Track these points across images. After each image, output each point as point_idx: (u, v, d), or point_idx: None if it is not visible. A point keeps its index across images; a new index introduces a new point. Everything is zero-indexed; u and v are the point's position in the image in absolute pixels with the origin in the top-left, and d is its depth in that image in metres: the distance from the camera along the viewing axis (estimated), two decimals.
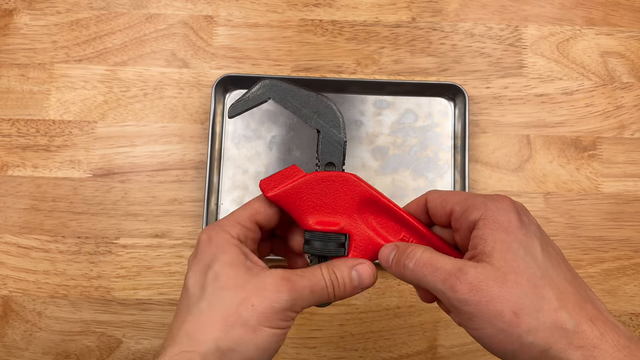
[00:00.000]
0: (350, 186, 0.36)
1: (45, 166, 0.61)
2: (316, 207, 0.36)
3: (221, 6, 0.65)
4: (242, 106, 0.38)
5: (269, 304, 0.32)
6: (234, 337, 0.32)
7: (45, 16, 0.65)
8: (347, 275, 0.35)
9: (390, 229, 0.37)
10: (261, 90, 0.37)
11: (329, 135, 0.37)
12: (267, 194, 0.36)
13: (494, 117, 0.62)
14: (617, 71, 0.63)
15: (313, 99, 0.37)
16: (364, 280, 0.35)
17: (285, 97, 0.37)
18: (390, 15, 0.65)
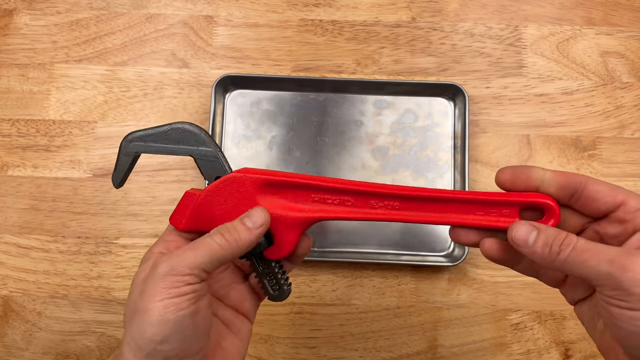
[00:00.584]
0: (239, 183, 0.37)
1: (45, 166, 0.61)
2: (226, 214, 0.37)
3: (221, 6, 0.65)
4: (120, 174, 0.39)
5: (151, 281, 0.33)
6: (133, 327, 0.32)
7: (45, 16, 0.65)
8: (239, 221, 0.35)
9: (299, 197, 0.37)
10: (123, 152, 0.38)
11: (202, 155, 0.38)
12: (179, 228, 0.37)
13: (494, 117, 0.62)
14: (617, 71, 0.63)
15: (171, 132, 0.37)
16: (255, 219, 0.35)
17: (148, 145, 0.38)
18: (390, 15, 0.65)
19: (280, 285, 0.39)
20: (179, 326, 0.32)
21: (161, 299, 0.32)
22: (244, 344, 0.40)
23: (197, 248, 0.34)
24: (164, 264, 0.33)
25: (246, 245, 0.35)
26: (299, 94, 0.62)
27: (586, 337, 0.57)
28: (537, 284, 0.58)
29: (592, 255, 0.31)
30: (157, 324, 0.32)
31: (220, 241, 0.34)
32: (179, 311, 0.32)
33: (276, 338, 0.57)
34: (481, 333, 0.57)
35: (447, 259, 0.58)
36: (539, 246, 0.33)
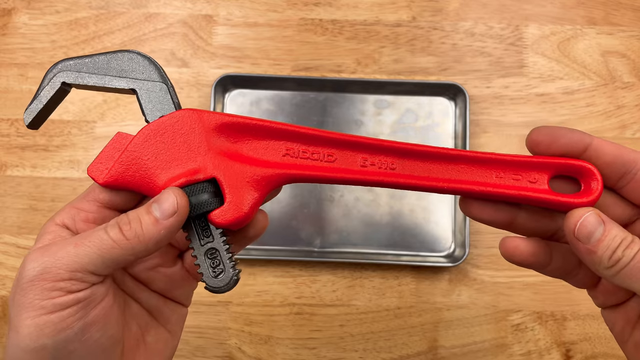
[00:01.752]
0: (192, 121, 0.29)
1: (44, 166, 0.61)
2: (162, 167, 0.28)
3: (221, 5, 0.65)
4: (37, 106, 0.29)
5: (19, 287, 0.24)
6: (8, 347, 0.24)
7: (44, 15, 0.65)
8: (145, 210, 0.26)
9: (266, 149, 0.29)
10: (51, 80, 0.29)
11: (148, 88, 0.30)
12: (100, 182, 0.28)
13: (494, 117, 0.62)
14: (618, 71, 0.63)
15: (114, 59, 0.30)
16: (164, 207, 0.26)
17: (81, 74, 0.29)
18: (391, 15, 0.65)
19: (225, 268, 0.28)
20: (62, 352, 0.24)
21: (33, 315, 0.24)
22: (175, 336, 0.32)
23: (83, 243, 0.25)
24: (32, 263, 0.24)
25: (153, 241, 0.26)
26: (298, 94, 0.62)
27: (587, 337, 0.57)
28: (538, 284, 0.58)
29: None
30: (31, 351, 0.24)
31: (115, 236, 0.25)
32: (57, 333, 0.24)
33: (276, 339, 0.57)
34: (482, 334, 0.57)
35: (447, 259, 0.58)
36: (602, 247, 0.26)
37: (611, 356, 0.57)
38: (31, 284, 0.24)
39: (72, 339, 0.24)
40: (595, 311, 0.57)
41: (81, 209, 0.29)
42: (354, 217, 0.59)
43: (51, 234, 0.27)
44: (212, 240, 0.28)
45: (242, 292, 0.58)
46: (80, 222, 0.28)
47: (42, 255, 0.25)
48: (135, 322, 0.30)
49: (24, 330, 0.24)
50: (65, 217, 0.28)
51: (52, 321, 0.24)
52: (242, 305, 0.58)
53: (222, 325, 0.57)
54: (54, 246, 0.25)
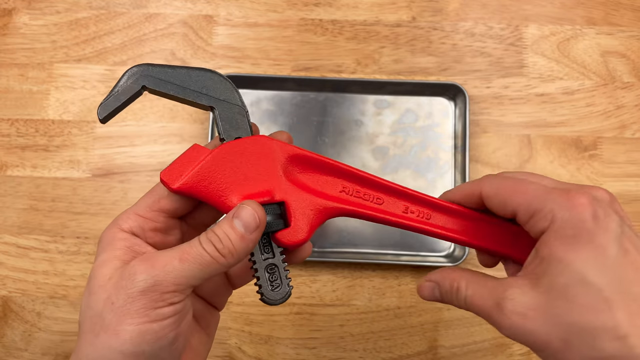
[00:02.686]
0: (267, 148, 0.31)
1: (44, 166, 0.61)
2: (236, 183, 0.30)
3: (221, 5, 0.65)
4: (114, 103, 0.30)
5: (125, 293, 0.26)
6: (99, 347, 0.26)
7: (44, 16, 0.65)
8: (228, 225, 0.28)
9: (326, 183, 0.33)
10: (131, 79, 0.30)
11: (226, 109, 0.31)
12: (172, 187, 0.30)
13: (494, 117, 0.62)
14: (617, 71, 0.63)
15: (196, 75, 0.31)
16: (247, 222, 0.28)
17: (162, 82, 0.31)
18: (391, 15, 0.65)
19: (282, 283, 0.31)
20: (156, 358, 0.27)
21: (137, 322, 0.26)
22: (211, 339, 0.35)
23: (186, 259, 0.27)
24: (144, 274, 0.27)
25: (243, 254, 0.29)
26: (298, 94, 0.62)
27: None
28: None
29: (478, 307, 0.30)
30: (130, 355, 0.26)
31: (213, 253, 0.28)
32: (156, 341, 0.26)
33: (276, 339, 0.57)
34: (482, 333, 0.57)
35: (447, 259, 0.58)
36: (447, 300, 0.33)
37: None
38: (142, 295, 0.26)
39: (165, 347, 0.27)
40: None
41: (149, 218, 0.31)
42: None
43: (125, 241, 0.30)
44: (272, 257, 0.31)
45: (242, 292, 0.58)
46: (149, 232, 0.31)
47: (152, 268, 0.27)
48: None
49: (125, 334, 0.26)
50: (133, 225, 0.30)
51: (153, 329, 0.26)
52: (242, 305, 0.58)
53: (222, 325, 0.57)
54: (160, 259, 0.27)
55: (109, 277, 0.28)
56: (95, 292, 0.28)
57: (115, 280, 0.27)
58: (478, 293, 0.30)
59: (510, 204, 0.30)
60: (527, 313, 0.27)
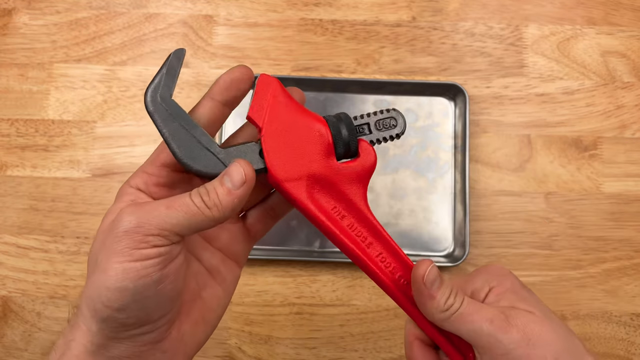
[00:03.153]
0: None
1: (44, 166, 0.61)
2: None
3: (221, 5, 0.65)
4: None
5: (113, 235, 0.28)
6: (91, 283, 0.29)
7: (44, 16, 0.65)
8: (218, 181, 0.30)
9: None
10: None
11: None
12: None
13: (494, 117, 0.62)
14: (617, 71, 0.63)
15: None
16: (235, 179, 0.30)
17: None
18: (391, 15, 0.65)
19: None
20: (139, 295, 0.28)
21: (121, 260, 0.28)
22: (228, 294, 0.35)
23: (173, 206, 0.29)
24: (129, 217, 0.28)
25: (229, 210, 0.30)
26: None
27: (587, 337, 0.57)
28: (537, 284, 0.58)
29: (474, 312, 0.31)
30: (114, 290, 0.28)
31: (199, 204, 0.29)
32: (139, 279, 0.28)
33: (276, 339, 0.57)
34: None
35: (447, 259, 0.58)
36: (440, 293, 0.32)
37: (611, 356, 0.57)
38: (125, 234, 0.28)
39: (149, 286, 0.28)
40: (595, 311, 0.58)
41: (152, 174, 0.33)
42: None
43: (130, 195, 0.32)
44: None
45: (242, 292, 0.58)
46: (152, 186, 0.32)
47: (138, 211, 0.28)
48: (194, 279, 0.34)
49: (111, 271, 0.28)
50: (139, 182, 0.32)
51: (136, 268, 0.28)
52: (242, 305, 0.58)
53: (222, 325, 0.57)
54: (148, 205, 0.29)
55: (108, 223, 0.30)
56: (97, 237, 0.30)
57: (110, 225, 0.29)
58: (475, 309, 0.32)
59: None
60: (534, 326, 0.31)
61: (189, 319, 0.33)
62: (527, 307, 0.32)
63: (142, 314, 0.29)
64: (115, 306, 0.28)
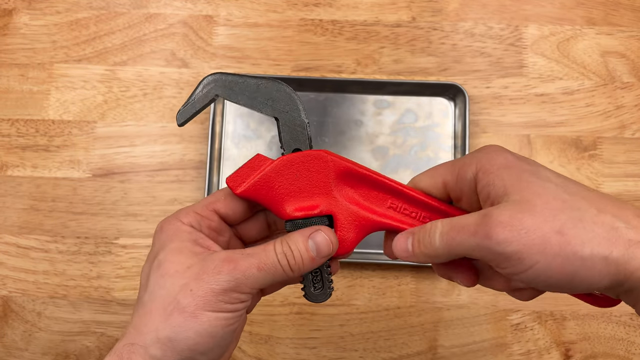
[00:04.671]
0: (322, 163, 0.34)
1: (44, 166, 0.61)
2: (291, 193, 0.34)
3: (221, 6, 0.65)
4: (190, 110, 0.35)
5: (208, 287, 0.30)
6: (173, 325, 0.30)
7: (44, 16, 0.65)
8: (303, 245, 0.32)
9: (375, 199, 0.35)
10: (206, 89, 0.34)
11: (289, 121, 0.34)
12: (236, 191, 0.34)
13: (494, 117, 0.62)
14: (617, 71, 0.63)
15: (264, 86, 0.34)
16: (321, 248, 0.32)
17: (233, 90, 0.34)
18: (391, 15, 0.65)
19: (325, 285, 0.35)
20: (222, 340, 0.31)
21: (215, 310, 0.30)
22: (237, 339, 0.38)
23: (263, 268, 0.31)
24: (228, 276, 0.31)
25: (308, 271, 0.33)
26: (299, 94, 0.62)
27: (586, 337, 0.57)
28: None
29: (457, 232, 0.30)
30: (205, 335, 0.30)
31: (286, 267, 0.32)
32: (227, 327, 0.31)
33: (276, 338, 0.57)
34: (481, 333, 0.57)
35: None
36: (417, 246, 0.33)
37: (611, 355, 0.57)
38: (223, 292, 0.31)
39: (231, 333, 0.32)
40: (595, 311, 0.58)
41: (205, 216, 0.34)
42: None
43: (189, 234, 0.33)
44: None
45: None
46: (205, 228, 0.34)
47: (234, 271, 0.31)
48: None
49: (204, 319, 0.30)
50: (192, 221, 0.34)
51: (227, 317, 0.31)
52: None
53: None
54: (241, 265, 0.31)
55: (188, 266, 0.31)
56: (172, 275, 0.31)
57: (195, 271, 0.31)
58: (455, 221, 0.31)
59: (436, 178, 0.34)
60: (516, 215, 0.28)
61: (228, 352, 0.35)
62: (522, 186, 0.30)
63: (216, 356, 0.32)
64: (201, 350, 0.31)
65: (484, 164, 0.31)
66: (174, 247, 0.32)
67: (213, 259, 0.31)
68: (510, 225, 0.28)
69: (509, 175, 0.30)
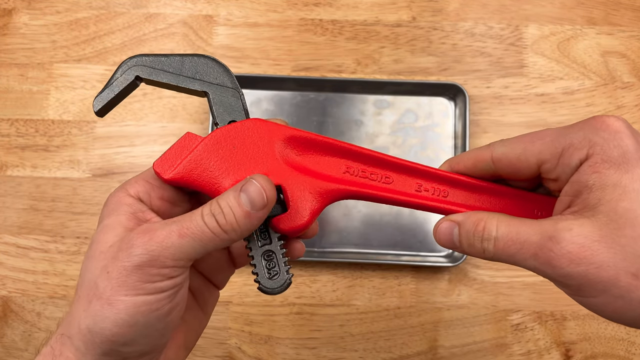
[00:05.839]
0: (261, 131, 0.30)
1: (44, 166, 0.61)
2: (229, 170, 0.29)
3: (221, 5, 0.65)
4: (108, 95, 0.30)
5: (120, 265, 0.26)
6: (92, 314, 0.26)
7: (44, 16, 0.65)
8: (235, 200, 0.27)
9: (328, 164, 0.31)
10: (125, 72, 0.30)
11: (220, 93, 0.31)
12: (165, 177, 0.29)
13: (494, 117, 0.62)
14: (617, 71, 0.63)
15: (189, 61, 0.31)
16: (254, 199, 0.27)
17: (156, 70, 0.31)
18: (391, 15, 0.65)
19: (280, 270, 0.30)
20: (149, 329, 0.27)
21: (132, 294, 0.26)
22: (207, 317, 0.34)
23: (186, 234, 0.26)
24: (141, 248, 0.26)
25: (246, 232, 0.28)
26: (298, 94, 0.62)
27: (587, 337, 0.57)
28: (538, 284, 0.58)
29: (517, 249, 0.26)
30: (123, 324, 0.26)
31: (215, 229, 0.27)
32: (151, 312, 0.26)
33: (276, 339, 0.57)
34: (482, 334, 0.57)
35: (447, 259, 0.58)
36: (465, 246, 0.29)
37: (611, 356, 0.57)
38: (138, 269, 0.26)
39: (160, 318, 0.26)
40: None
41: (156, 185, 0.30)
42: (354, 217, 0.59)
43: (130, 206, 0.29)
44: (269, 243, 0.30)
45: (242, 292, 0.58)
46: (156, 199, 0.30)
47: (150, 242, 0.26)
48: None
49: (120, 305, 0.25)
50: (140, 190, 0.29)
51: (149, 301, 0.26)
52: (242, 305, 0.58)
53: (222, 325, 0.57)
54: (158, 234, 0.26)
55: (110, 245, 0.27)
56: (96, 257, 0.27)
57: (114, 250, 0.27)
58: (515, 231, 0.26)
59: (531, 152, 0.28)
60: (590, 245, 0.24)
61: (174, 344, 0.31)
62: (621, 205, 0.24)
63: (146, 346, 0.27)
64: (122, 341, 0.26)
65: (597, 153, 0.26)
66: (107, 223, 0.28)
67: (131, 234, 0.27)
68: (579, 259, 0.24)
69: (615, 183, 0.25)
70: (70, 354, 0.27)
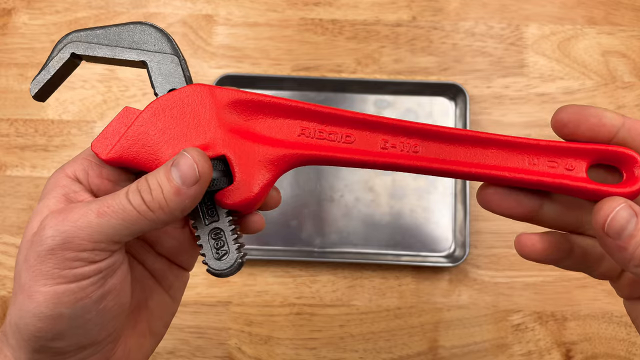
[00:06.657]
0: (202, 97, 0.27)
1: (43, 166, 0.61)
2: (170, 142, 0.26)
3: (221, 5, 0.65)
4: (45, 76, 0.28)
5: (34, 252, 0.23)
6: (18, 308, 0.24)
7: (44, 15, 0.65)
8: (164, 175, 0.24)
9: (279, 128, 0.28)
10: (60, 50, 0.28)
11: (159, 61, 0.28)
12: (103, 157, 0.26)
13: (495, 117, 0.62)
14: (618, 71, 0.63)
15: (126, 30, 0.28)
16: (185, 173, 0.24)
17: (91, 45, 0.28)
18: (391, 14, 0.65)
19: (230, 250, 0.27)
20: (78, 320, 0.24)
21: (50, 283, 0.23)
22: (176, 301, 0.31)
23: (106, 213, 0.23)
24: (52, 231, 0.23)
25: (178, 211, 0.24)
26: (298, 94, 0.62)
27: (587, 337, 0.57)
28: (538, 284, 0.58)
29: None
30: (45, 318, 0.23)
31: (140, 207, 0.24)
32: (75, 302, 0.23)
33: (276, 339, 0.57)
34: (482, 334, 0.57)
35: (447, 259, 0.58)
36: (634, 244, 0.23)
37: (612, 356, 0.57)
38: (51, 253, 0.23)
39: (90, 308, 0.24)
40: (596, 311, 0.57)
41: (96, 162, 0.27)
42: (354, 217, 0.59)
43: (63, 188, 0.26)
44: (217, 219, 0.27)
45: (242, 292, 0.58)
46: (94, 177, 0.27)
47: (62, 223, 0.23)
48: (139, 285, 0.29)
49: (39, 297, 0.23)
50: (78, 169, 0.27)
51: (71, 290, 0.23)
52: (242, 305, 0.58)
53: (222, 326, 0.57)
54: (74, 213, 0.24)
55: (34, 232, 0.24)
56: (22, 246, 0.25)
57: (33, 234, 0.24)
58: None
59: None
60: None
61: (135, 332, 0.29)
62: None
63: (83, 339, 0.25)
64: (49, 336, 0.24)
65: None
66: (38, 208, 0.25)
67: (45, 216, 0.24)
68: None
69: None
70: (8, 353, 0.25)
